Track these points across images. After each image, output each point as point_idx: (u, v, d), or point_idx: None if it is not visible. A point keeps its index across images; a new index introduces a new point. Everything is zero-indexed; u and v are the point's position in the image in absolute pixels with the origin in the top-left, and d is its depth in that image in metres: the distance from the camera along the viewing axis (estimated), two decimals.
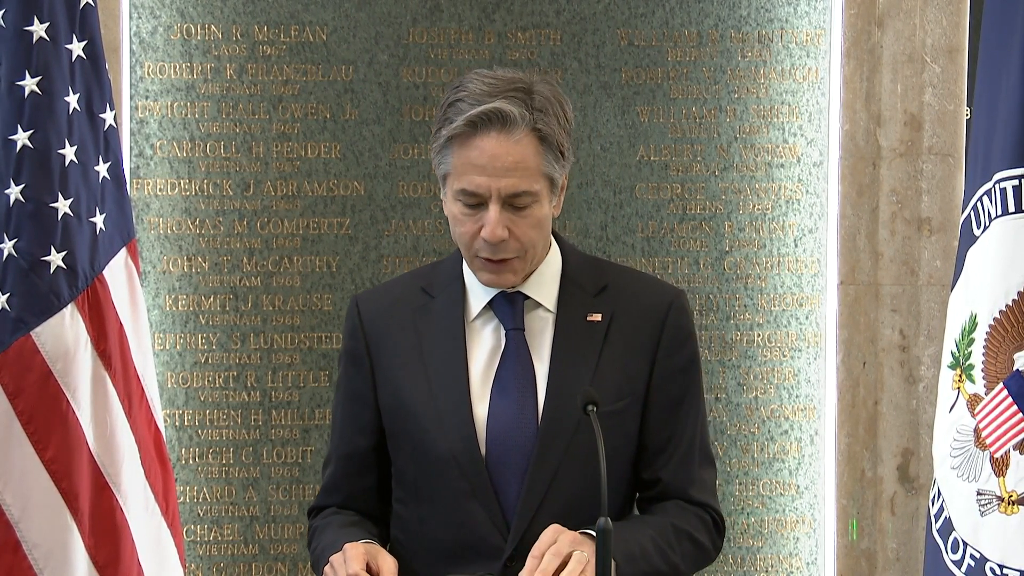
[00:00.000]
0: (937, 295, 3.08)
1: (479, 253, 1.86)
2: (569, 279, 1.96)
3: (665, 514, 1.93)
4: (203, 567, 3.18)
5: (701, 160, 3.27)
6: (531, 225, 1.85)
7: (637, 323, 1.94)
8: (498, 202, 1.82)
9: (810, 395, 3.28)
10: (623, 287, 1.97)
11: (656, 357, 1.93)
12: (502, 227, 1.82)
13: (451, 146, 1.83)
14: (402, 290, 2.02)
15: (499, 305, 1.93)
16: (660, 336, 1.93)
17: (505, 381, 1.90)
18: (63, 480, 2.47)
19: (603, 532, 1.66)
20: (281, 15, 3.19)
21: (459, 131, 1.81)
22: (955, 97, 3.11)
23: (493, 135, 1.80)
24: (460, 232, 1.87)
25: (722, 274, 3.27)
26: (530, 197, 1.83)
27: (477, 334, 1.94)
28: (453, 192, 1.86)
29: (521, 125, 1.80)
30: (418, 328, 1.95)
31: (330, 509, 2.01)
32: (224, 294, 3.19)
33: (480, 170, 1.81)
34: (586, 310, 1.93)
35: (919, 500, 3.09)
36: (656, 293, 1.98)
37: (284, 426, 3.20)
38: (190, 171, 3.17)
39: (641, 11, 3.25)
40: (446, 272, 1.99)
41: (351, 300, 2.03)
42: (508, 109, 1.80)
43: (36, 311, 2.47)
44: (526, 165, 1.82)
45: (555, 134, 1.84)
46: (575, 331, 1.92)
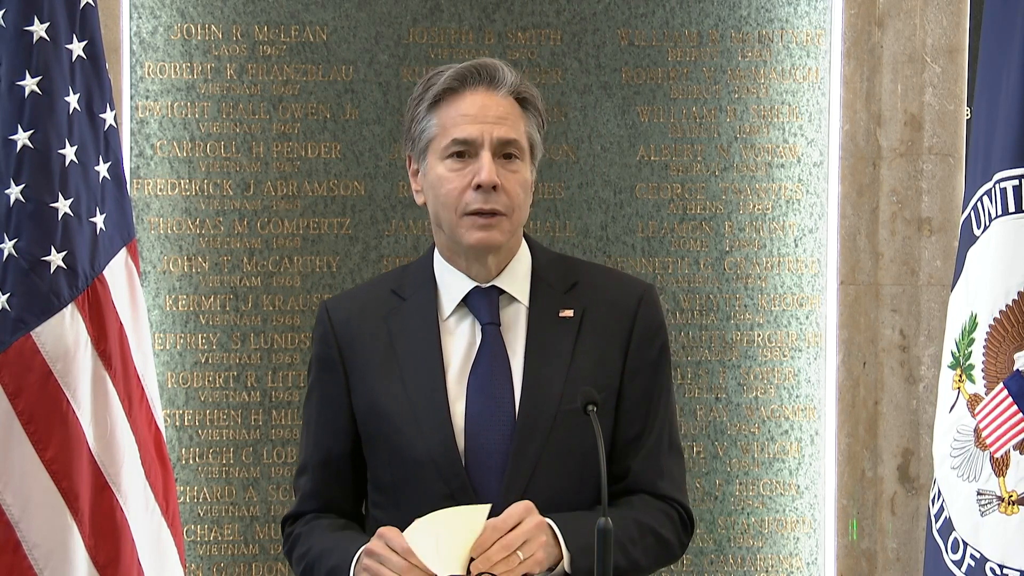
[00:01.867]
0: (937, 295, 3.08)
1: (469, 206, 1.86)
2: (539, 276, 1.96)
3: (630, 508, 1.92)
4: (203, 567, 3.18)
5: (701, 160, 3.27)
6: (518, 183, 1.88)
7: (608, 318, 1.94)
8: (490, 148, 1.85)
9: (810, 395, 3.28)
10: (593, 283, 1.98)
11: (628, 351, 1.94)
12: (495, 172, 1.84)
13: (437, 106, 1.88)
14: (372, 294, 2.01)
15: (474, 299, 1.93)
16: (632, 330, 1.94)
17: (482, 378, 1.89)
18: (63, 480, 2.47)
19: (603, 532, 1.66)
20: (281, 15, 3.19)
21: (447, 85, 1.87)
22: (955, 97, 3.11)
23: (481, 89, 1.88)
24: (447, 191, 1.87)
25: (722, 274, 3.27)
26: (517, 149, 1.88)
27: (451, 332, 1.93)
28: (440, 150, 1.87)
29: (507, 84, 1.88)
30: (391, 330, 1.94)
31: (308, 515, 1.99)
32: (224, 294, 3.19)
33: (471, 119, 1.85)
34: (558, 306, 1.94)
35: (919, 500, 3.09)
36: (625, 288, 1.99)
37: (284, 426, 3.20)
38: (190, 171, 3.17)
39: (641, 11, 3.25)
40: (416, 274, 1.99)
41: (320, 306, 2.02)
42: (495, 63, 1.89)
43: (36, 311, 2.47)
44: (514, 118, 1.88)
45: (536, 105, 1.92)
46: (548, 326, 1.92)
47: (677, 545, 1.96)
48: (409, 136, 1.93)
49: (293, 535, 1.99)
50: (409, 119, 1.93)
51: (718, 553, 3.27)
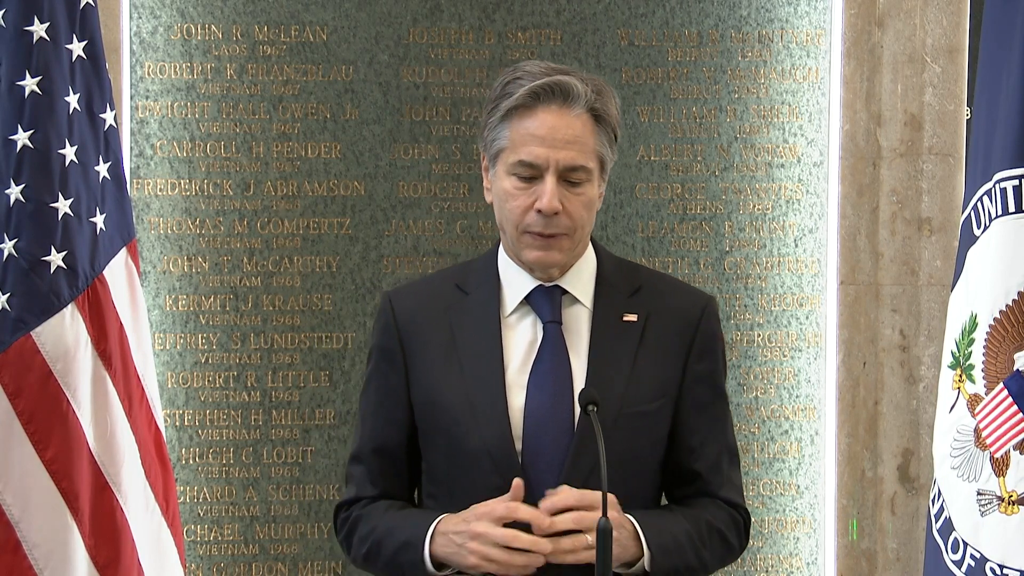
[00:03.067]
0: (937, 295, 3.08)
1: (530, 228, 1.87)
2: (604, 278, 1.98)
3: (702, 509, 1.95)
4: (203, 567, 3.18)
5: (701, 160, 3.27)
6: (583, 204, 1.88)
7: (670, 326, 1.96)
8: (555, 174, 1.84)
9: (810, 395, 3.28)
10: (656, 290, 2.00)
11: (688, 361, 1.96)
12: (557, 199, 1.84)
13: (509, 119, 1.87)
14: (436, 287, 2.03)
15: (537, 298, 1.94)
16: (693, 340, 1.96)
17: (542, 375, 1.90)
18: (63, 480, 2.47)
19: (603, 532, 1.67)
20: (281, 15, 3.19)
21: (520, 102, 1.85)
22: (955, 97, 3.11)
23: (554, 108, 1.85)
24: (511, 207, 1.88)
25: (722, 274, 3.27)
26: (584, 173, 1.87)
27: (513, 329, 1.94)
28: (508, 166, 1.88)
29: (581, 101, 1.86)
30: (452, 324, 1.95)
31: (365, 500, 2.00)
32: (224, 294, 3.19)
33: (539, 141, 1.84)
34: (622, 310, 1.95)
35: (919, 500, 3.09)
36: (689, 298, 2.01)
37: (284, 426, 3.20)
38: (190, 171, 3.17)
39: (641, 11, 3.25)
40: (481, 269, 2.00)
41: (383, 296, 2.04)
42: (571, 82, 1.85)
43: (36, 311, 2.47)
44: (584, 141, 1.86)
45: (610, 117, 1.90)
46: (612, 329, 1.93)
47: (738, 549, 2.00)
48: (482, 137, 1.94)
49: (352, 518, 2.00)
50: (484, 120, 1.93)
51: None
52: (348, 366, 3.20)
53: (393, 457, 2.00)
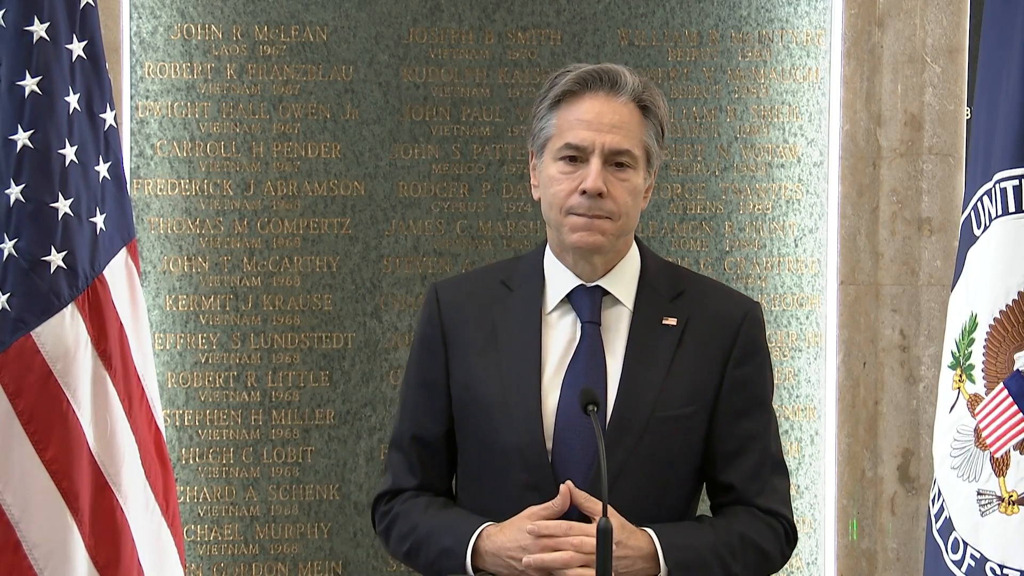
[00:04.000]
0: (937, 295, 3.08)
1: (574, 210, 1.88)
2: (647, 281, 1.97)
3: (735, 520, 1.93)
4: (203, 567, 3.18)
5: (701, 160, 3.27)
6: (627, 190, 1.89)
7: (711, 331, 1.95)
8: (600, 156, 1.86)
9: (810, 395, 3.28)
10: (699, 294, 1.99)
11: (727, 367, 1.95)
12: (601, 179, 1.85)
13: (557, 107, 1.90)
14: (482, 282, 2.04)
15: (577, 297, 1.94)
16: (733, 346, 1.95)
17: (577, 374, 1.90)
18: (63, 480, 2.47)
19: (602, 532, 1.66)
20: (281, 15, 3.19)
21: (568, 87, 1.89)
22: (955, 97, 3.11)
23: (601, 94, 1.89)
24: (556, 191, 1.89)
25: (722, 274, 3.27)
26: (630, 159, 1.88)
27: (553, 327, 1.95)
28: (554, 152, 1.90)
29: (628, 90, 1.89)
30: (495, 319, 1.96)
31: (407, 493, 1.99)
32: (224, 294, 3.19)
33: (586, 124, 1.87)
34: (662, 313, 1.95)
35: (919, 500, 3.09)
36: (732, 303, 2.01)
37: (284, 426, 3.20)
38: (190, 171, 3.17)
39: (641, 11, 3.25)
40: (526, 266, 2.02)
41: (430, 287, 2.05)
42: (619, 70, 1.89)
43: (36, 311, 2.47)
44: (630, 127, 1.89)
45: (658, 110, 1.92)
46: (650, 332, 1.93)
47: (779, 558, 1.97)
48: (532, 131, 1.97)
49: (392, 513, 1.99)
50: (533, 114, 1.96)
51: None
52: (348, 366, 3.20)
53: (432, 446, 2.00)
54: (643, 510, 1.85)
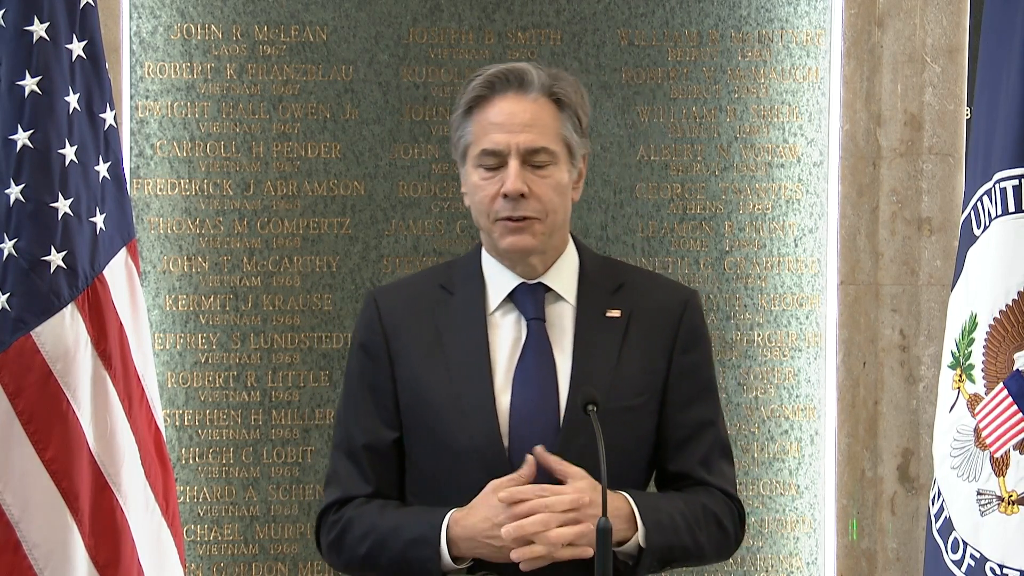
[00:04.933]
0: (937, 295, 3.08)
1: (499, 214, 1.88)
2: (587, 275, 1.98)
3: (698, 494, 1.95)
4: (203, 567, 3.18)
5: (701, 160, 3.27)
6: (551, 187, 1.88)
7: (654, 321, 1.96)
8: (517, 157, 1.86)
9: (810, 395, 3.28)
10: (638, 286, 2.00)
11: (673, 355, 1.96)
12: (521, 180, 1.85)
13: (471, 114, 1.90)
14: (420, 286, 2.03)
15: (520, 295, 1.94)
16: (676, 334, 1.97)
17: (527, 372, 1.91)
18: (63, 480, 2.47)
19: (602, 532, 1.67)
20: (281, 15, 3.19)
21: (478, 93, 1.88)
22: (955, 97, 3.11)
23: (511, 95, 1.88)
24: (480, 198, 1.90)
25: (722, 274, 3.27)
26: (548, 155, 1.88)
27: (497, 326, 1.95)
28: (473, 159, 1.90)
29: (537, 85, 1.88)
30: (437, 323, 1.96)
31: (360, 499, 1.96)
32: (224, 294, 3.19)
33: (499, 127, 1.87)
34: (605, 306, 1.96)
35: (919, 500, 3.09)
36: (671, 292, 2.02)
37: (284, 426, 3.20)
38: (190, 171, 3.17)
39: (641, 11, 3.25)
40: (464, 268, 2.01)
41: (368, 294, 2.04)
42: (525, 67, 1.89)
43: (36, 311, 2.47)
44: (544, 123, 1.88)
45: (572, 102, 1.91)
46: (595, 325, 1.94)
47: (735, 538, 1.99)
48: (452, 142, 1.97)
49: (344, 519, 1.95)
50: (451, 124, 1.96)
51: None
52: None
53: (383, 453, 1.97)
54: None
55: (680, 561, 1.88)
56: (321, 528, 2.01)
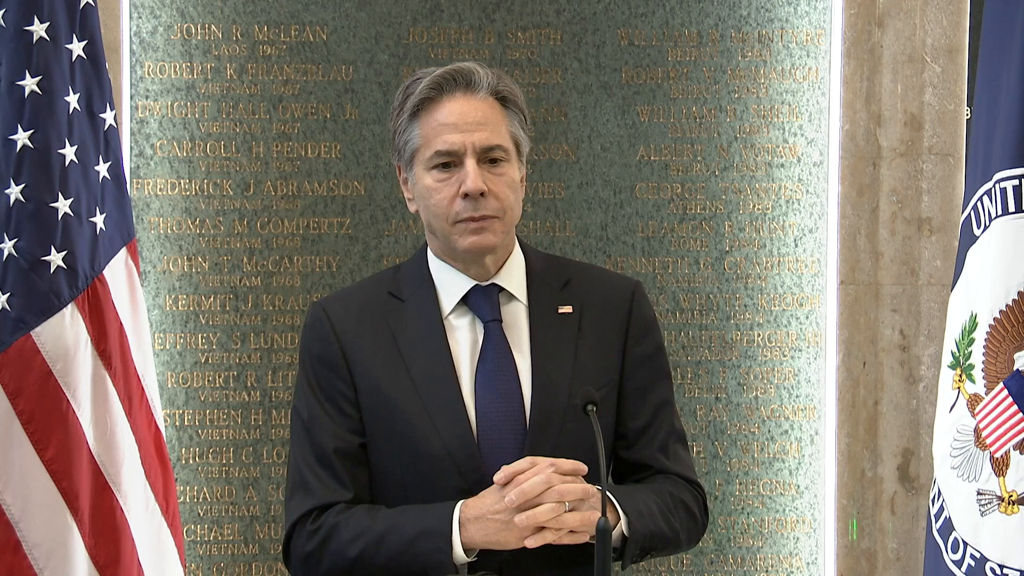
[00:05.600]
0: (937, 295, 3.08)
1: (460, 216, 1.87)
2: (534, 273, 1.99)
3: (661, 483, 1.96)
4: (203, 567, 3.18)
5: (701, 160, 3.27)
6: (507, 184, 1.89)
7: (603, 314, 1.98)
8: (473, 156, 1.86)
9: (810, 395, 3.28)
10: (585, 280, 2.02)
11: (626, 346, 1.98)
12: (480, 179, 1.85)
13: (417, 117, 1.89)
14: (368, 295, 2.00)
15: (475, 298, 1.94)
16: (628, 325, 1.98)
17: (489, 374, 1.91)
18: (63, 480, 2.47)
19: (602, 532, 1.66)
20: (281, 15, 3.19)
21: (425, 95, 1.88)
22: (955, 97, 3.11)
23: (459, 95, 1.88)
24: (437, 201, 1.88)
25: (722, 274, 3.27)
26: (502, 152, 1.89)
27: (453, 330, 1.94)
28: (425, 162, 1.89)
29: (484, 84, 1.89)
30: (392, 330, 1.94)
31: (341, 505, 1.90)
32: (224, 294, 3.19)
33: (451, 128, 1.86)
34: (556, 303, 1.97)
35: (919, 500, 3.09)
36: (616, 285, 2.04)
37: (284, 426, 3.19)
38: (190, 171, 3.17)
39: (641, 11, 3.25)
40: (412, 275, 1.99)
41: (314, 306, 2.00)
42: (471, 67, 1.89)
43: (36, 311, 2.47)
44: (495, 121, 1.89)
45: (516, 99, 1.92)
46: (550, 322, 1.95)
47: (702, 524, 2.00)
48: (394, 146, 1.95)
49: (327, 526, 1.88)
50: (392, 129, 1.95)
51: (718, 553, 3.27)
52: None
53: (355, 457, 1.93)
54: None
55: (659, 549, 1.89)
56: (294, 541, 1.92)
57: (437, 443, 1.88)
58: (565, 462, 1.80)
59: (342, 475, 1.92)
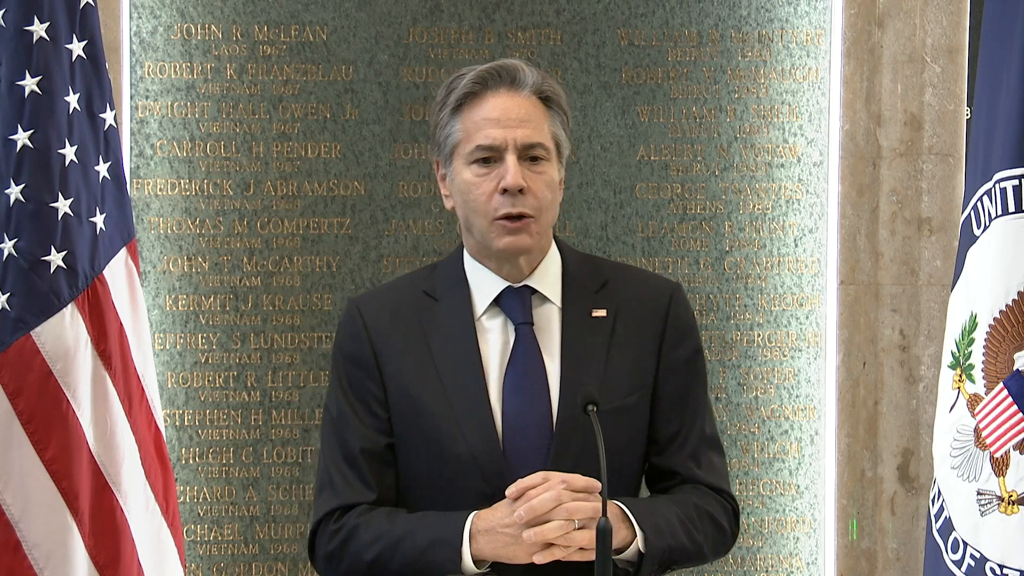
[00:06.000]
0: (937, 295, 3.08)
1: (498, 211, 1.86)
2: (570, 275, 1.97)
3: (689, 494, 1.94)
4: (203, 567, 3.18)
5: (701, 160, 3.27)
6: (545, 183, 1.87)
7: (640, 318, 1.95)
8: (514, 152, 1.85)
9: (810, 395, 3.28)
10: (622, 283, 1.99)
11: (661, 350, 1.95)
12: (520, 174, 1.84)
13: (460, 111, 1.88)
14: (403, 293, 2.00)
15: (507, 299, 1.93)
16: (664, 329, 1.96)
17: (517, 378, 1.90)
18: (63, 480, 2.47)
19: (603, 532, 1.66)
20: (281, 15, 3.19)
21: (469, 89, 1.87)
22: (955, 97, 3.11)
23: (503, 91, 1.88)
24: (476, 195, 1.87)
25: (722, 274, 3.27)
26: (543, 151, 1.87)
27: (485, 332, 1.93)
28: (465, 156, 1.87)
29: (529, 83, 1.88)
30: (425, 330, 1.94)
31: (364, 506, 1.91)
32: (224, 294, 3.19)
33: (494, 123, 1.85)
34: (590, 306, 1.95)
35: (919, 500, 3.09)
36: (655, 287, 2.01)
37: (284, 426, 3.20)
38: (190, 171, 3.17)
39: (641, 11, 3.25)
40: (447, 274, 1.99)
41: (350, 304, 2.01)
42: (516, 64, 1.88)
43: (36, 311, 2.47)
44: (537, 119, 1.87)
45: (561, 102, 1.91)
46: (582, 326, 1.93)
47: (731, 535, 1.97)
48: (435, 141, 1.93)
49: (348, 526, 1.89)
50: (434, 124, 1.93)
51: None
52: None
53: (382, 457, 1.94)
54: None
55: (680, 563, 1.87)
56: (318, 538, 1.94)
57: (462, 446, 1.87)
58: (578, 479, 1.78)
59: (367, 475, 1.93)
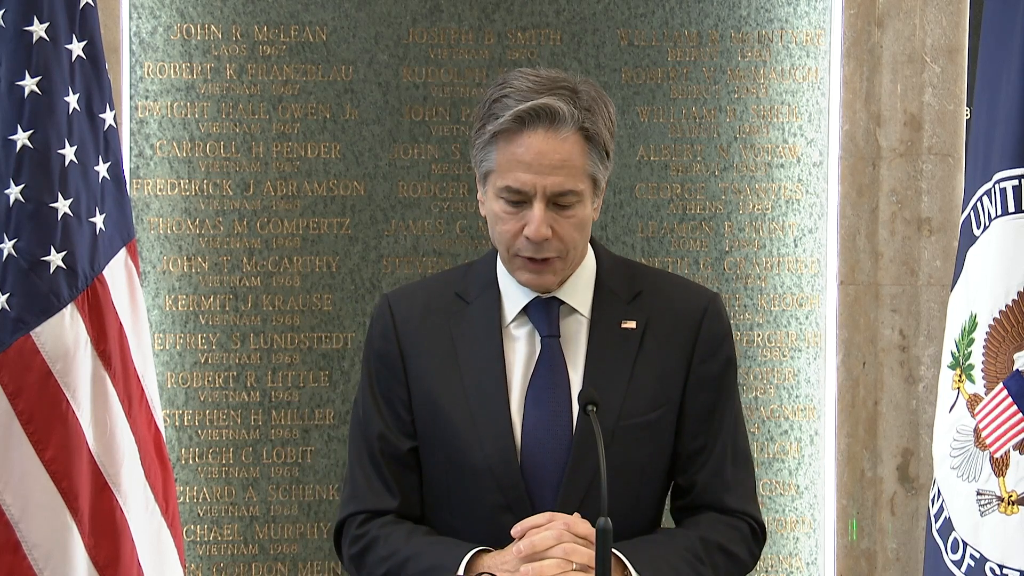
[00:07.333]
0: (937, 295, 3.08)
1: (520, 252, 1.84)
2: (603, 285, 1.94)
3: (696, 527, 1.91)
4: (203, 567, 3.18)
5: (701, 160, 3.27)
6: (574, 225, 1.83)
7: (672, 329, 1.92)
8: (543, 200, 1.80)
9: (810, 395, 3.28)
10: (657, 292, 1.95)
11: (691, 364, 1.92)
12: (546, 226, 1.80)
13: (496, 142, 1.82)
14: (435, 293, 1.98)
15: (535, 310, 1.91)
16: (695, 342, 1.92)
17: (540, 390, 1.88)
18: (63, 480, 2.47)
19: (603, 532, 1.66)
20: (281, 15, 3.19)
21: (505, 126, 1.79)
22: (955, 97, 3.11)
23: (540, 132, 1.79)
24: (501, 231, 1.84)
25: (722, 274, 3.27)
26: (575, 197, 1.82)
27: (512, 340, 1.91)
28: (496, 190, 1.83)
29: (569, 123, 1.79)
30: (452, 333, 1.92)
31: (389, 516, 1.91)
32: (224, 294, 3.19)
33: (526, 167, 1.79)
34: (620, 317, 1.91)
35: (919, 500, 3.09)
36: (691, 298, 1.96)
37: (284, 426, 3.20)
38: (190, 171, 3.17)
39: (641, 11, 3.25)
40: (480, 277, 1.97)
41: (382, 299, 2.00)
42: (557, 105, 1.78)
43: (36, 311, 2.47)
44: (572, 164, 1.80)
45: (601, 134, 1.83)
46: (609, 338, 1.90)
47: (748, 558, 1.94)
48: (472, 155, 1.89)
49: (369, 536, 1.91)
50: (473, 135, 1.88)
51: None
52: (348, 366, 3.20)
53: (404, 461, 1.93)
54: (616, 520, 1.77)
55: None
56: (343, 538, 1.96)
57: (479, 456, 1.86)
58: (581, 525, 1.77)
59: (389, 479, 1.93)
